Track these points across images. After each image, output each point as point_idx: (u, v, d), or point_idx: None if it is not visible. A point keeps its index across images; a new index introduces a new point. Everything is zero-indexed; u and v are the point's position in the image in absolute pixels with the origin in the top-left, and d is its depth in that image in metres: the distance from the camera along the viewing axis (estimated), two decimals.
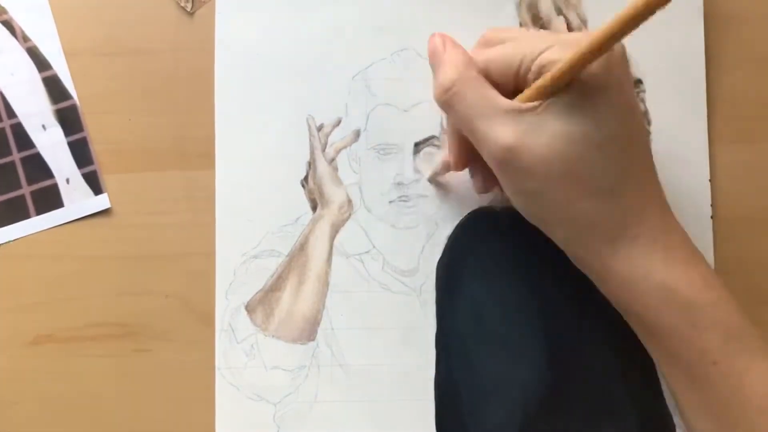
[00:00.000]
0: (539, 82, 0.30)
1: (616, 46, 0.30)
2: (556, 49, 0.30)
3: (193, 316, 0.41)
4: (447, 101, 0.33)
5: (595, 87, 0.30)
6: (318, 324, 0.40)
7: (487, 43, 0.34)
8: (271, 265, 0.41)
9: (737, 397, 0.30)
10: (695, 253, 0.32)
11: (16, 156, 0.42)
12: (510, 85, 0.32)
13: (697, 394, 0.32)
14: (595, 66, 0.29)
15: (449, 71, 0.32)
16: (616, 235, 0.32)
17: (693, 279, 0.31)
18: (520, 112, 0.31)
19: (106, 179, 0.42)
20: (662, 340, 0.32)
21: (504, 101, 0.31)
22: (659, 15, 0.28)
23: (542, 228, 0.34)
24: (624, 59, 0.31)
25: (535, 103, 0.30)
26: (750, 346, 0.31)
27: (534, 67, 0.31)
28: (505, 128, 0.31)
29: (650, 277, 0.31)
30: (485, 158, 0.33)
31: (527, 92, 0.31)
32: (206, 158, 0.41)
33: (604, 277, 0.33)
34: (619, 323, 0.37)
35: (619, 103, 0.31)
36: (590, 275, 0.34)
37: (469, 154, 0.36)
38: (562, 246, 0.34)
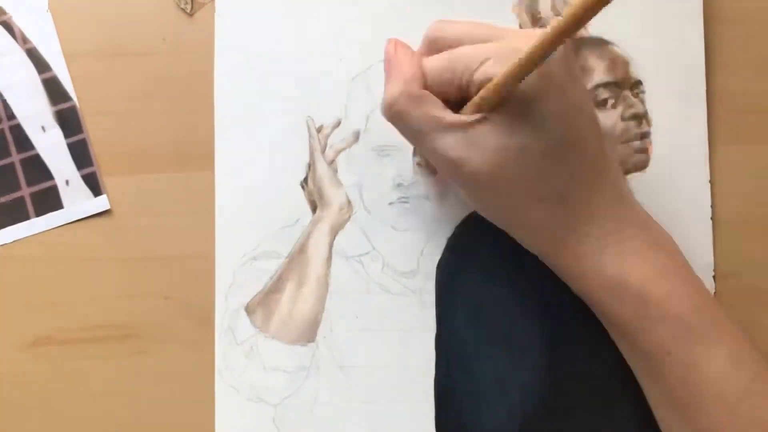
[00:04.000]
0: (479, 95, 0.30)
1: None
2: (491, 63, 0.30)
3: (193, 317, 0.41)
4: (392, 118, 0.33)
5: (533, 96, 0.30)
6: (318, 325, 0.40)
7: (432, 44, 0.34)
8: (271, 267, 0.41)
9: (693, 386, 0.31)
10: (651, 242, 0.33)
11: (15, 157, 0.42)
12: (454, 94, 0.32)
13: (657, 385, 0.32)
14: (531, 76, 0.29)
15: (392, 88, 0.32)
16: (565, 235, 0.32)
17: (645, 271, 0.31)
18: (462, 125, 0.31)
19: (105, 181, 0.42)
20: (619, 332, 0.33)
21: (447, 116, 0.31)
22: (659, 15, 0.28)
23: (500, 227, 0.35)
24: (564, 61, 0.31)
25: (476, 116, 0.31)
26: (703, 334, 0.31)
27: (474, 81, 0.31)
28: (448, 142, 0.31)
29: (601, 273, 0.32)
30: (435, 167, 0.34)
31: (469, 105, 0.31)
32: (206, 160, 0.41)
33: (562, 274, 0.34)
34: None
35: (560, 108, 0.30)
36: (554, 270, 0.35)
37: None
38: (522, 244, 0.35)
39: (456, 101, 0.32)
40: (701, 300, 0.32)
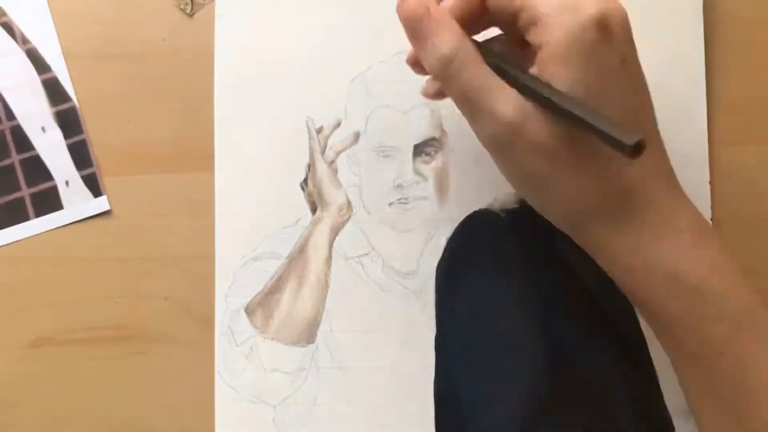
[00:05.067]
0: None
1: (619, 11, 0.29)
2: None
3: (193, 318, 0.41)
4: (448, 76, 0.30)
5: (599, 55, 0.28)
6: (317, 326, 0.40)
7: None
8: (271, 268, 0.41)
9: (743, 388, 0.30)
10: (703, 233, 0.31)
11: (15, 158, 0.42)
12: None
13: (703, 384, 0.31)
14: (593, 32, 0.28)
15: (449, 41, 0.29)
16: (623, 218, 0.30)
17: (702, 264, 0.30)
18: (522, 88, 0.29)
19: (105, 181, 0.42)
20: (668, 328, 0.31)
21: (498, 80, 0.29)
22: (659, 16, 0.28)
23: (544, 214, 0.33)
24: (626, 25, 0.30)
25: (541, 75, 0.28)
26: (757, 335, 0.30)
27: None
28: (507, 104, 0.28)
29: (658, 268, 0.30)
30: (480, 139, 0.31)
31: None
32: (206, 160, 0.41)
33: (611, 266, 0.32)
34: (619, 325, 0.37)
35: (624, 75, 0.29)
36: (598, 261, 0.33)
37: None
38: (567, 230, 0.33)
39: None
40: (752, 298, 0.31)
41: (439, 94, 0.34)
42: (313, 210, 0.41)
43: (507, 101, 0.29)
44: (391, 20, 0.41)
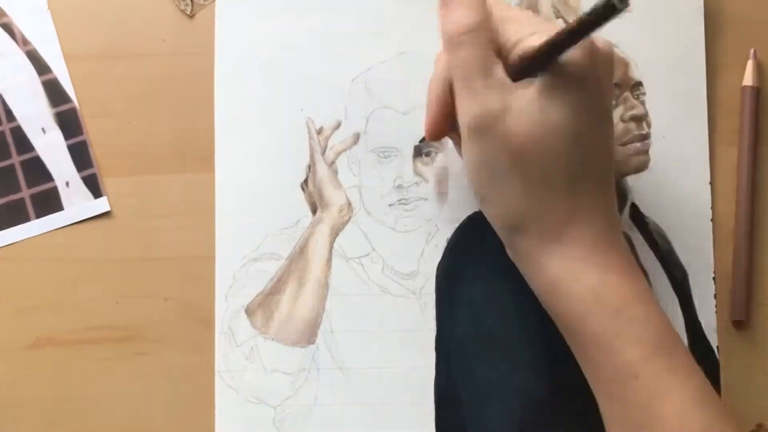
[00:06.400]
0: (524, 54, 0.31)
1: (605, 46, 0.30)
2: (538, 37, 0.30)
3: (193, 319, 0.41)
4: (460, 43, 0.31)
5: (577, 75, 0.30)
6: (318, 327, 0.40)
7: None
8: (271, 268, 0.41)
9: (656, 417, 0.30)
10: (633, 266, 0.32)
11: (15, 159, 0.42)
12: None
13: (617, 407, 0.31)
14: (579, 53, 0.29)
15: (475, 11, 0.31)
16: (558, 233, 0.31)
17: (626, 290, 0.31)
18: (514, 84, 0.31)
19: (105, 182, 0.42)
20: (586, 347, 0.32)
21: (501, 68, 0.31)
22: (659, 17, 0.28)
23: (483, 207, 0.34)
24: (609, 61, 0.31)
25: (527, 81, 0.31)
26: (675, 363, 0.30)
27: (517, 51, 0.31)
28: (495, 95, 0.31)
29: (582, 282, 0.31)
30: (461, 118, 0.32)
31: (511, 67, 0.31)
32: (206, 161, 0.41)
33: (536, 275, 0.33)
34: None
35: (597, 101, 0.31)
36: (521, 269, 0.34)
37: (446, 121, 0.35)
38: (498, 232, 0.34)
39: None
40: (672, 332, 0.31)
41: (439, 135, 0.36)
42: (314, 211, 0.41)
43: (494, 93, 0.30)
44: (391, 20, 0.42)
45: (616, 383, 0.31)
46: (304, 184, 0.41)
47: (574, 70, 0.30)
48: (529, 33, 0.31)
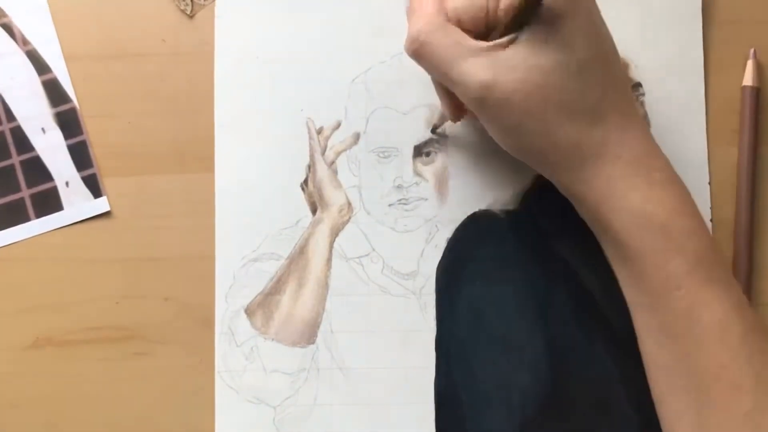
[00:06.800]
0: (506, 17, 0.31)
1: None
2: None
3: (193, 319, 0.41)
4: (416, 51, 0.33)
5: (563, 15, 0.30)
6: (318, 327, 0.40)
7: None
8: (271, 269, 0.41)
9: (696, 324, 0.31)
10: (675, 178, 0.33)
11: (15, 159, 0.42)
12: (480, 28, 0.33)
13: (658, 318, 0.32)
14: None
15: (417, 21, 0.33)
16: (598, 154, 0.32)
17: (670, 203, 0.32)
18: (492, 48, 0.31)
19: (105, 182, 0.42)
20: (632, 260, 0.33)
21: (474, 42, 0.32)
22: (659, 17, 0.28)
23: (525, 160, 0.35)
24: None
25: (505, 39, 0.31)
26: (716, 276, 0.32)
27: (501, 5, 0.31)
28: (478, 67, 0.31)
29: (628, 197, 0.32)
30: (463, 101, 0.33)
31: (497, 31, 0.32)
32: (206, 161, 0.41)
33: (585, 198, 0.33)
34: (618, 326, 0.37)
35: (588, 29, 0.31)
36: (571, 199, 0.35)
37: (459, 105, 0.37)
38: (546, 174, 0.35)
39: (481, 37, 0.33)
40: (712, 242, 0.32)
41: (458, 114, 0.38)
42: (314, 211, 0.41)
43: (477, 65, 0.31)
44: (391, 20, 0.42)
45: (658, 295, 0.32)
46: (304, 184, 0.41)
47: (557, 7, 0.30)
48: None
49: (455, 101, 0.36)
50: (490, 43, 0.31)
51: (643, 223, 0.32)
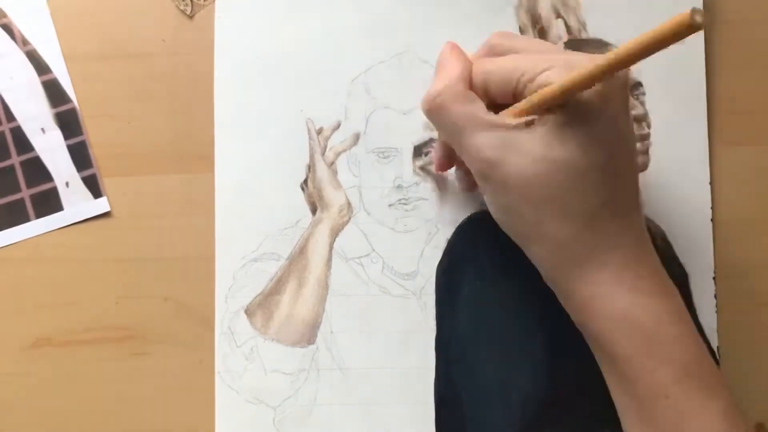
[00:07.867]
0: (528, 99, 0.30)
1: (620, 73, 0.29)
2: (556, 71, 0.30)
3: (193, 319, 0.41)
4: (430, 110, 0.33)
5: (588, 114, 0.30)
6: (318, 327, 0.40)
7: (491, 49, 0.34)
8: (271, 269, 0.41)
9: None
10: (665, 286, 0.32)
11: (15, 159, 0.42)
12: (508, 98, 0.32)
13: (645, 423, 0.31)
14: (591, 92, 0.29)
15: (438, 83, 0.33)
16: (585, 258, 0.31)
17: (657, 311, 0.31)
18: (504, 127, 0.31)
19: (105, 182, 0.42)
20: (618, 366, 0.32)
21: (488, 115, 0.31)
22: (659, 17, 0.28)
23: (513, 239, 0.34)
24: (624, 89, 0.31)
25: (521, 120, 0.30)
26: (705, 384, 0.31)
27: (532, 87, 0.30)
28: (488, 143, 0.31)
29: (614, 304, 0.31)
30: (468, 166, 0.33)
31: (511, 110, 0.31)
32: (206, 161, 0.41)
33: (569, 297, 0.33)
34: None
35: (610, 134, 0.30)
36: (556, 292, 0.34)
37: (452, 157, 0.38)
38: (531, 259, 0.34)
39: (500, 108, 0.32)
40: (703, 351, 0.32)
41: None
42: (313, 211, 0.41)
43: (485, 140, 0.31)
44: (391, 21, 0.42)
45: (646, 402, 0.31)
46: (304, 185, 0.41)
47: (585, 106, 0.29)
48: (542, 69, 0.30)
49: (449, 152, 0.37)
50: (508, 122, 0.31)
51: (627, 330, 0.31)
